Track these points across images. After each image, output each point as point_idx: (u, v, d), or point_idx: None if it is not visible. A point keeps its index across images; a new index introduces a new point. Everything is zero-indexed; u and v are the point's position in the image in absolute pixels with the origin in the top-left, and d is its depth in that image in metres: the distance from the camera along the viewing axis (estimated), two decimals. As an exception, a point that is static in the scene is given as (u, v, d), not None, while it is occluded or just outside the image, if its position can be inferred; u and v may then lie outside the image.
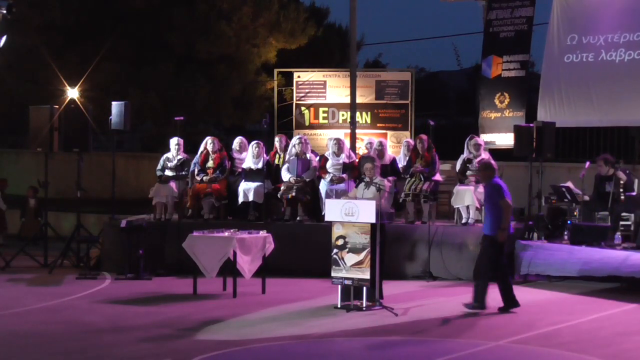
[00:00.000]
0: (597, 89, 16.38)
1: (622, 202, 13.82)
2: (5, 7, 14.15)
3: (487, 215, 11.52)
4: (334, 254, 11.57)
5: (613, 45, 16.18)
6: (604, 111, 16.35)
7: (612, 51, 16.20)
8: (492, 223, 11.30)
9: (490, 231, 11.34)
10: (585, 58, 16.46)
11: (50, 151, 15.53)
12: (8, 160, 25.57)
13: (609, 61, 16.23)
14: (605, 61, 16.26)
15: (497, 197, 11.31)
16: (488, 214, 11.46)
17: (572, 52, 16.61)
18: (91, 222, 17.65)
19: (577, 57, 16.54)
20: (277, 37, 21.71)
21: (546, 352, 9.33)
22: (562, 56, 16.69)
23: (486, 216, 11.55)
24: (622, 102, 16.08)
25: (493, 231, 11.29)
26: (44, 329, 10.35)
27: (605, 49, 16.25)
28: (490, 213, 11.39)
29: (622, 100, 16.07)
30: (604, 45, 16.26)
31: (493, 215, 11.32)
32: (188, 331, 10.23)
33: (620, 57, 16.11)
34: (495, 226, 11.26)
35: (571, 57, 16.59)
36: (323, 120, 18.73)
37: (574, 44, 16.60)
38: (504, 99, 17.14)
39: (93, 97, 18.89)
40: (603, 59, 16.28)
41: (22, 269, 14.95)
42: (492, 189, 11.43)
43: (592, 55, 16.39)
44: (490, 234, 11.33)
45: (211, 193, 15.07)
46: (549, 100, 16.80)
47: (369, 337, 10.12)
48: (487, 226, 11.41)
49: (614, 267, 12.72)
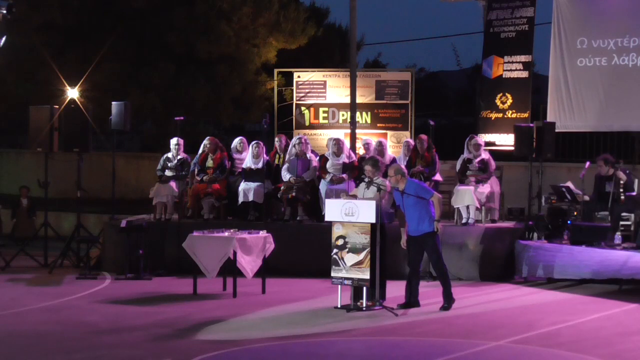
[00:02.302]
0: (608, 94, 16.35)
1: (622, 202, 13.82)
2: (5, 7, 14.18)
3: (412, 215, 11.42)
4: (334, 254, 11.57)
5: (624, 50, 16.17)
6: (615, 116, 16.34)
7: (624, 55, 16.19)
8: (423, 220, 11.33)
9: (428, 228, 11.34)
10: (599, 62, 16.44)
11: (50, 151, 15.53)
12: (8, 160, 25.59)
13: (622, 65, 16.22)
14: (618, 65, 16.24)
15: (426, 194, 11.37)
16: (415, 213, 11.38)
17: (584, 55, 16.57)
18: (91, 222, 17.66)
19: (590, 61, 16.50)
20: (277, 37, 21.69)
21: (546, 352, 9.33)
22: (573, 60, 16.62)
23: (411, 218, 11.44)
24: (634, 107, 16.07)
25: (430, 227, 11.32)
26: (44, 329, 10.35)
27: (617, 54, 16.24)
28: (418, 212, 11.35)
29: (634, 106, 16.06)
30: (615, 49, 16.26)
31: (421, 212, 11.33)
32: (188, 331, 10.23)
33: (632, 61, 16.10)
34: (429, 222, 11.30)
35: (584, 61, 16.54)
36: (323, 120, 18.74)
37: (584, 47, 16.56)
38: (505, 99, 17.13)
39: (93, 97, 18.90)
40: (616, 63, 16.26)
41: (22, 269, 14.96)
42: (418, 188, 11.45)
43: (605, 60, 16.37)
44: (430, 230, 11.35)
45: (211, 193, 15.08)
46: (559, 104, 16.76)
47: (369, 337, 10.12)
48: (423, 225, 11.37)
49: (614, 270, 12.71)
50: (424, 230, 11.41)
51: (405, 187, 11.43)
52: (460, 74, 33.46)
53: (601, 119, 16.53)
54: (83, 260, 15.08)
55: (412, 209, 11.41)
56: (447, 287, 11.54)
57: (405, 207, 11.49)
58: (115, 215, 15.71)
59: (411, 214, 11.45)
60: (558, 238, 13.96)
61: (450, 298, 11.52)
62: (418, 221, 11.40)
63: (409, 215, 11.48)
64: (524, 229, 14.34)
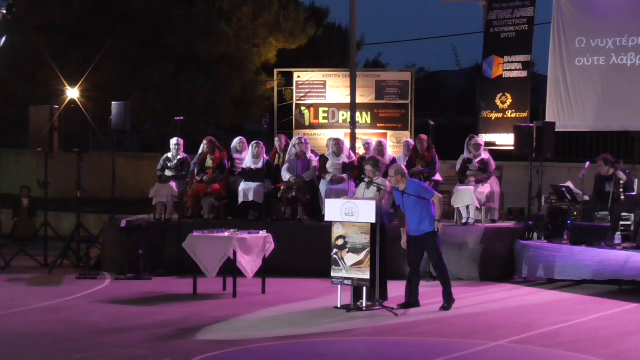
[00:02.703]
0: (607, 93, 16.35)
1: (622, 202, 13.82)
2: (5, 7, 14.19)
3: (413, 216, 11.43)
4: (334, 254, 11.57)
5: (623, 49, 16.17)
6: (614, 116, 16.34)
7: (623, 55, 16.19)
8: (424, 220, 11.36)
9: (429, 228, 11.36)
10: (597, 61, 16.43)
11: (50, 151, 15.53)
12: (8, 160, 25.58)
13: (620, 65, 16.22)
14: (617, 65, 16.24)
15: (427, 194, 11.39)
16: (416, 214, 11.40)
17: (582, 55, 16.57)
18: (91, 222, 17.66)
19: (588, 61, 16.50)
20: (277, 37, 21.70)
21: (546, 352, 9.32)
22: (572, 59, 16.62)
23: (412, 218, 11.44)
24: (632, 107, 16.06)
25: (431, 227, 11.34)
26: (44, 329, 10.35)
27: (616, 53, 16.24)
28: (418, 212, 11.37)
29: (633, 105, 16.06)
30: (613, 49, 16.26)
31: (421, 212, 11.35)
32: (188, 331, 10.23)
33: (631, 60, 16.10)
34: (429, 222, 11.32)
35: (582, 61, 16.54)
36: (323, 120, 18.74)
37: (582, 47, 16.56)
38: (505, 99, 17.14)
39: (93, 97, 18.89)
40: (614, 62, 16.25)
41: (22, 269, 14.95)
42: (419, 188, 11.48)
43: (603, 59, 16.37)
44: (431, 230, 11.37)
45: (211, 193, 15.08)
46: (557, 103, 16.77)
47: (369, 337, 10.12)
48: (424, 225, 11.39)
49: (615, 271, 12.70)
50: (424, 230, 11.41)
51: (405, 187, 11.43)
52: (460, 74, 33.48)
53: (600, 119, 16.53)
54: (83, 260, 15.08)
55: (413, 209, 11.42)
56: (448, 287, 11.54)
57: (406, 207, 11.49)
58: (115, 215, 15.71)
59: (412, 214, 11.45)
60: (558, 238, 13.95)
61: (451, 298, 11.52)
62: (419, 221, 11.40)
63: (410, 215, 11.48)
64: (524, 229, 14.34)
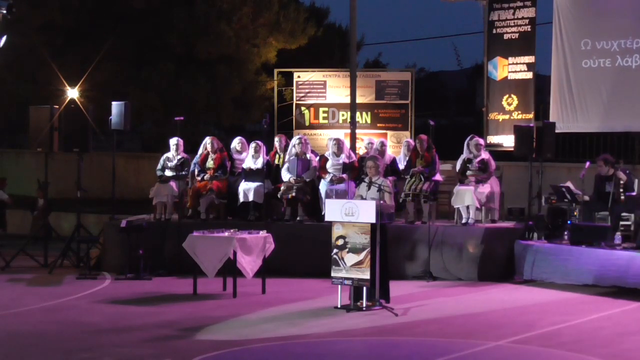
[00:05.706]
0: (612, 95, 16.33)
1: (622, 202, 13.80)
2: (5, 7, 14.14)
3: None
4: (334, 254, 11.57)
5: (628, 51, 16.14)
6: (618, 117, 16.32)
7: (628, 57, 16.18)
8: None
9: None
10: (603, 63, 16.42)
11: (50, 151, 15.53)
12: (8, 160, 25.57)
13: (626, 67, 16.21)
14: (622, 67, 16.23)
15: None
16: None
17: (588, 57, 16.54)
18: (91, 222, 17.64)
19: (594, 63, 16.47)
20: (277, 37, 21.72)
21: (546, 352, 9.33)
22: (578, 61, 16.58)
23: None
24: (636, 108, 16.05)
25: None
26: (44, 329, 10.35)
27: (621, 55, 16.22)
28: None
29: (637, 107, 16.04)
30: (618, 50, 16.24)
31: None
32: (188, 331, 10.23)
33: (636, 62, 16.09)
34: None
35: (589, 63, 16.52)
36: (323, 120, 18.74)
37: (588, 49, 16.54)
38: (512, 101, 17.14)
39: (93, 97, 18.90)
40: (620, 64, 16.25)
41: (22, 269, 14.95)
42: None
43: (609, 61, 16.35)
44: None
45: (212, 189, 15.02)
46: (562, 104, 16.75)
47: (369, 337, 10.12)
48: None
49: (618, 276, 12.61)
50: None
51: None
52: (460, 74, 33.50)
53: (604, 120, 16.52)
54: (83, 260, 15.07)
55: None
56: None
57: None
58: (115, 215, 15.70)
59: None
60: (558, 238, 13.94)
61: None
62: None
63: None
64: (524, 229, 14.33)
